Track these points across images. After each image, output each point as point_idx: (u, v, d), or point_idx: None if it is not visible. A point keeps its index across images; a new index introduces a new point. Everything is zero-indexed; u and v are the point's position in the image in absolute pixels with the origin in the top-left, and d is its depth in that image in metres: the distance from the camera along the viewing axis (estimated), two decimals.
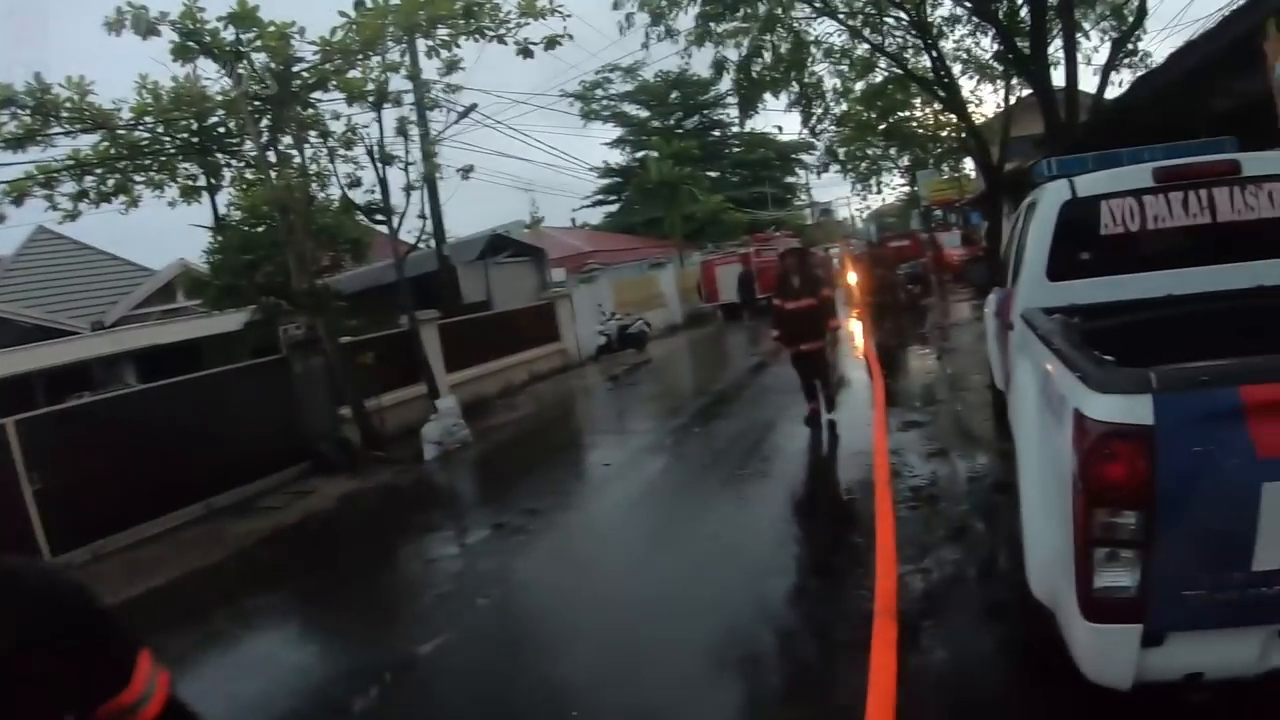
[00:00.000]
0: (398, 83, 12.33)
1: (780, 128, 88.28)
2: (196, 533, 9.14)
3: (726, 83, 19.98)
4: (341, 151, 12.77)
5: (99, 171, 10.96)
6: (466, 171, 13.83)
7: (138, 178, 11.38)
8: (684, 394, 14.21)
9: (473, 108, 13.58)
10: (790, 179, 57.97)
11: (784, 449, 8.61)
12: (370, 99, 11.92)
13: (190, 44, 10.11)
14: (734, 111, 39.82)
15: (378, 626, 5.73)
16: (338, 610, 6.29)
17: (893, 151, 30.16)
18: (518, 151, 58.23)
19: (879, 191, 36.55)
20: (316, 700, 4.66)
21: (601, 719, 4.01)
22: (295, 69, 10.81)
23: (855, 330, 17.61)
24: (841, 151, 27.62)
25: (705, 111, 50.90)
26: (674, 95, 49.35)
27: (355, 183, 13.01)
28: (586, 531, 7.26)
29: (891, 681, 3.70)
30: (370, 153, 12.60)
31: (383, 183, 12.80)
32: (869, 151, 29.41)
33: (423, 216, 13.75)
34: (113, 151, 10.86)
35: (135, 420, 9.59)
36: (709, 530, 6.50)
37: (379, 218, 13.31)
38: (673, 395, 14.33)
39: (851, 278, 23.55)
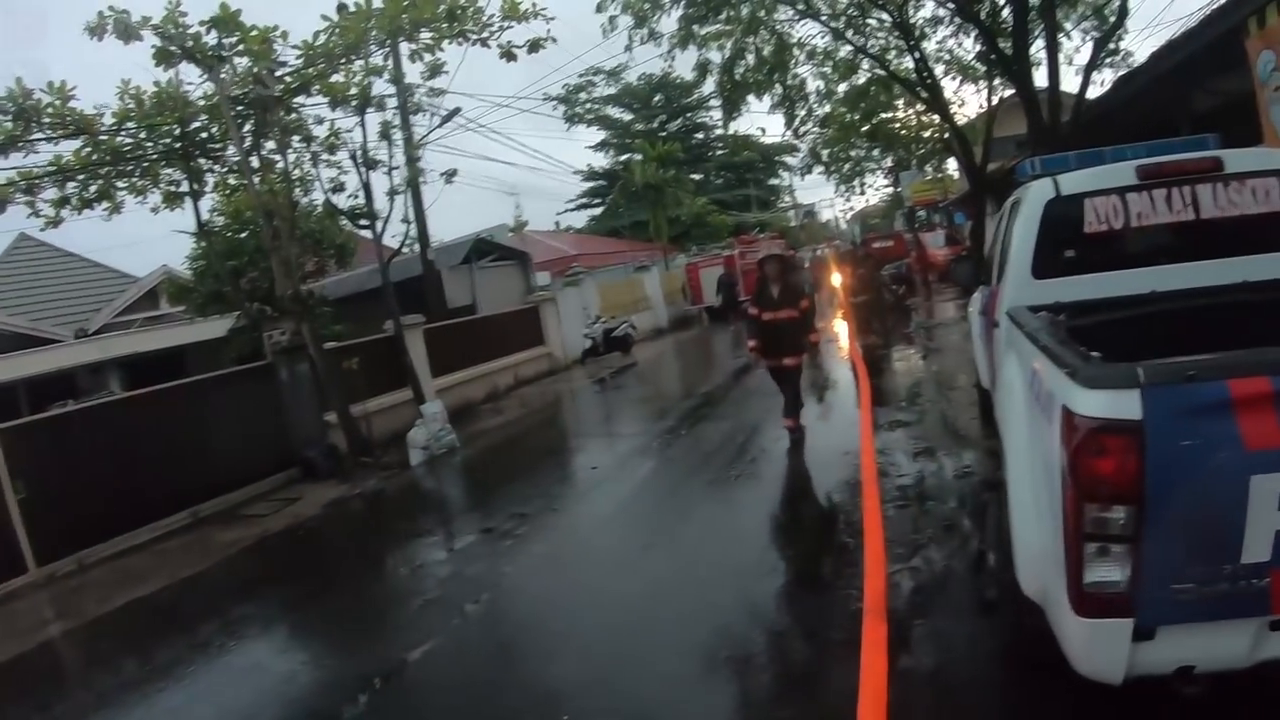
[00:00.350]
0: (381, 87, 12.33)
1: (764, 130, 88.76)
2: (183, 541, 9.08)
3: (710, 85, 19.97)
4: (325, 156, 12.75)
5: (81, 177, 10.92)
6: (450, 175, 13.78)
7: (120, 184, 11.36)
8: (670, 397, 14.17)
9: (456, 111, 13.57)
10: (774, 181, 58.27)
11: (770, 450, 8.58)
12: (353, 103, 11.88)
13: (172, 48, 10.05)
14: (718, 114, 39.96)
15: (366, 633, 5.68)
16: (326, 617, 6.24)
17: (876, 153, 30.22)
18: (501, 155, 58.28)
19: (863, 193, 36.68)
20: (305, 709, 4.63)
21: None
22: (278, 73, 10.78)
23: (840, 331, 17.62)
24: (825, 153, 27.65)
25: (689, 114, 51.08)
26: (658, 98, 49.50)
27: (339, 187, 12.96)
28: (575, 535, 7.22)
29: (882, 681, 3.70)
30: (354, 157, 12.55)
31: (366, 187, 12.76)
32: (852, 153, 29.48)
33: (407, 221, 13.72)
34: (95, 157, 10.81)
35: (120, 428, 9.52)
36: (697, 532, 6.49)
37: (363, 222, 13.25)
38: (659, 398, 14.30)
39: (836, 278, 23.65)
